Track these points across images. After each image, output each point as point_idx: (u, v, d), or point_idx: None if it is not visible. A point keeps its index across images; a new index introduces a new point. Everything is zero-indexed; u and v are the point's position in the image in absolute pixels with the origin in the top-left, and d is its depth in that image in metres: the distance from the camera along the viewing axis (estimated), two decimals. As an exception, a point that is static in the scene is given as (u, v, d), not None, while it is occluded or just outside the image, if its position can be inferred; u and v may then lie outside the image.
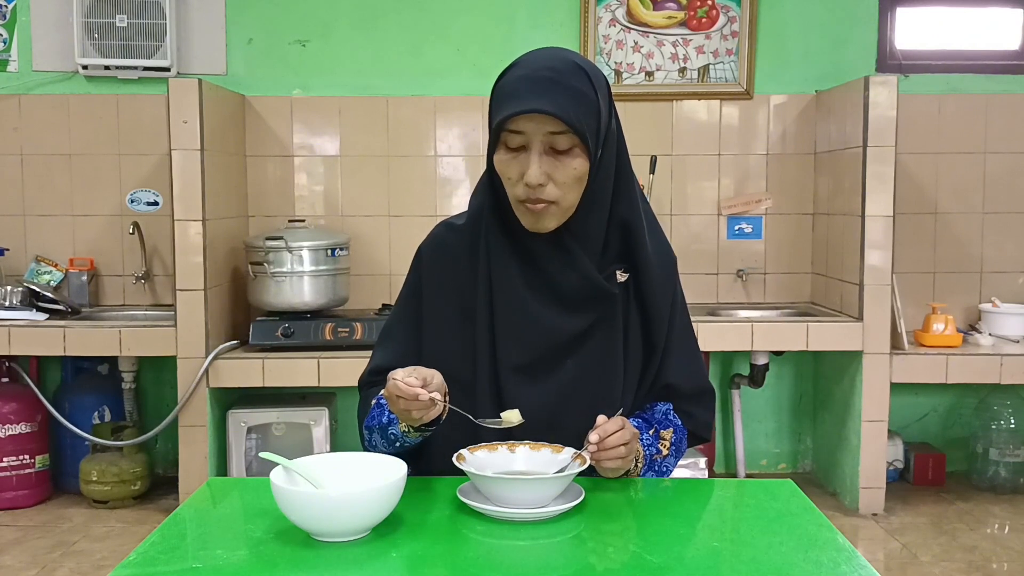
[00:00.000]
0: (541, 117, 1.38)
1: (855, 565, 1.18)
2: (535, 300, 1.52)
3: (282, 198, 4.08)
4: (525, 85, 1.40)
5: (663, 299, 1.59)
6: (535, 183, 1.41)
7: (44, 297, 3.76)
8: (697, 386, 1.65)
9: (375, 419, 1.55)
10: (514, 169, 1.44)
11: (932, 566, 3.20)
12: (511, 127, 1.41)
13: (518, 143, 1.43)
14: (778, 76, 4.11)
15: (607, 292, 1.52)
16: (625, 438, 1.43)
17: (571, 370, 1.54)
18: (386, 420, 1.52)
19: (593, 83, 1.43)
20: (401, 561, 1.20)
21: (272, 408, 3.66)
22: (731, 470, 4.21)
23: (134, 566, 1.17)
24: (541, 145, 1.41)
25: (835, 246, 3.91)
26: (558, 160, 1.42)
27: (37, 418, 3.80)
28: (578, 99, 1.40)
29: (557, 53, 1.46)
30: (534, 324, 1.52)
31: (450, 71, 4.07)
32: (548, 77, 1.40)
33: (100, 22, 3.90)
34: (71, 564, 3.18)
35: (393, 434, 1.51)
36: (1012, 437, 3.96)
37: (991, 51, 4.16)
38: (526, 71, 1.42)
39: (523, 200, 1.45)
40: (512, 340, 1.52)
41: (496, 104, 1.44)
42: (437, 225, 1.65)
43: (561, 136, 1.40)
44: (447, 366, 1.51)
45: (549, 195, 1.43)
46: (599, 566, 1.19)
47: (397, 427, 1.49)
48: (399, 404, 1.39)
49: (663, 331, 1.59)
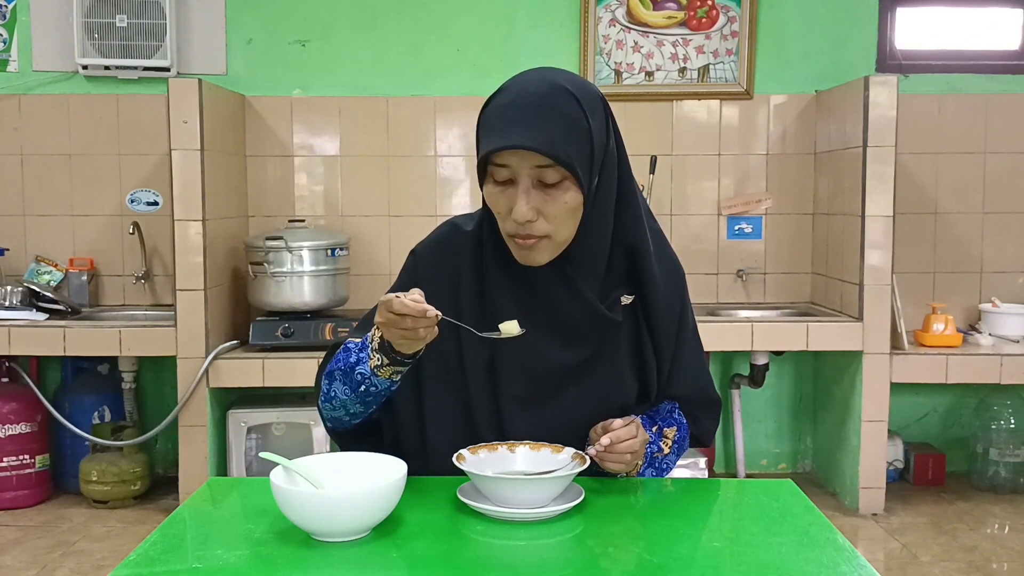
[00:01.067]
0: (526, 151, 1.32)
1: (855, 565, 1.18)
2: (536, 332, 1.44)
3: (282, 198, 4.08)
4: (509, 115, 1.34)
5: (669, 318, 1.54)
6: (523, 220, 1.35)
7: (44, 297, 3.76)
8: (704, 397, 1.64)
9: (339, 362, 1.45)
10: (502, 203, 1.38)
11: (932, 566, 3.20)
12: (496, 160, 1.35)
13: (505, 176, 1.37)
14: (778, 76, 4.11)
15: (610, 321, 1.48)
16: (635, 447, 1.42)
17: (572, 397, 1.50)
18: (354, 359, 1.42)
19: (584, 107, 1.36)
20: (401, 561, 1.20)
21: (272, 408, 3.66)
22: (731, 470, 4.21)
23: (134, 566, 1.17)
24: (528, 179, 1.35)
25: (835, 246, 3.91)
26: (548, 194, 1.36)
27: (37, 418, 3.80)
28: (566, 129, 1.33)
29: (546, 76, 1.39)
30: (535, 356, 1.47)
31: (450, 71, 4.07)
32: (533, 105, 1.33)
33: (100, 22, 3.90)
34: (71, 564, 3.18)
35: (360, 374, 1.41)
36: (1012, 437, 3.96)
37: (991, 51, 4.16)
38: (511, 98, 1.36)
39: (513, 235, 1.39)
40: (513, 372, 1.48)
41: (481, 134, 1.39)
42: (444, 223, 1.59)
43: (549, 169, 1.34)
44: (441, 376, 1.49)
45: (540, 230, 1.37)
46: (599, 566, 1.19)
47: (366, 365, 1.41)
48: (404, 324, 1.30)
49: (669, 348, 1.55)
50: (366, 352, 1.42)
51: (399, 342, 1.36)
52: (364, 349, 1.43)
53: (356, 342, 1.46)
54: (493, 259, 1.48)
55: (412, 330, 1.32)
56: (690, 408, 1.64)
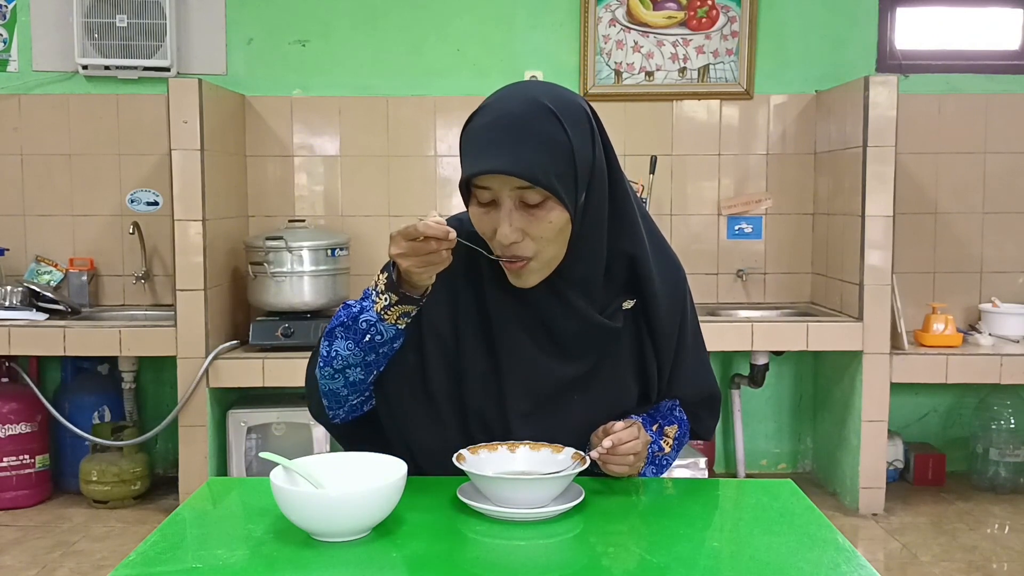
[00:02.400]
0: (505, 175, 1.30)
1: (855, 565, 1.18)
2: (537, 347, 1.46)
3: (282, 198, 4.08)
4: (487, 136, 1.33)
5: (670, 321, 1.53)
6: (507, 242, 1.34)
7: (44, 297, 3.76)
8: (706, 393, 1.64)
9: (339, 318, 1.42)
10: (487, 225, 1.37)
11: (932, 566, 3.20)
12: (478, 183, 1.35)
13: (487, 198, 1.36)
14: (778, 76, 4.11)
15: (610, 330, 1.48)
16: (637, 448, 1.42)
17: (579, 406, 1.50)
18: (357, 309, 1.40)
19: (564, 125, 1.33)
20: (401, 561, 1.20)
21: (272, 408, 3.66)
22: (731, 470, 4.21)
23: (134, 566, 1.16)
24: (511, 201, 1.34)
25: (835, 246, 3.91)
26: (532, 214, 1.34)
27: (37, 418, 3.80)
28: (546, 149, 1.31)
29: (528, 93, 1.36)
30: (539, 371, 1.47)
31: (450, 71, 4.07)
32: (512, 126, 1.31)
33: (100, 22, 3.90)
34: (71, 564, 3.18)
35: (366, 321, 1.39)
36: (1012, 437, 3.96)
37: (991, 51, 4.16)
38: (491, 118, 1.34)
39: (500, 256, 1.38)
40: (519, 388, 1.47)
41: (463, 154, 1.38)
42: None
43: (530, 191, 1.32)
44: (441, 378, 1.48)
45: (526, 251, 1.36)
46: (600, 566, 1.19)
47: (371, 312, 1.38)
48: (428, 247, 1.29)
49: (670, 350, 1.55)
50: (369, 300, 1.40)
51: (418, 270, 1.33)
52: (367, 298, 1.41)
53: (354, 300, 1.45)
54: (491, 272, 1.47)
55: (436, 252, 1.30)
56: (692, 407, 1.64)
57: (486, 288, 1.47)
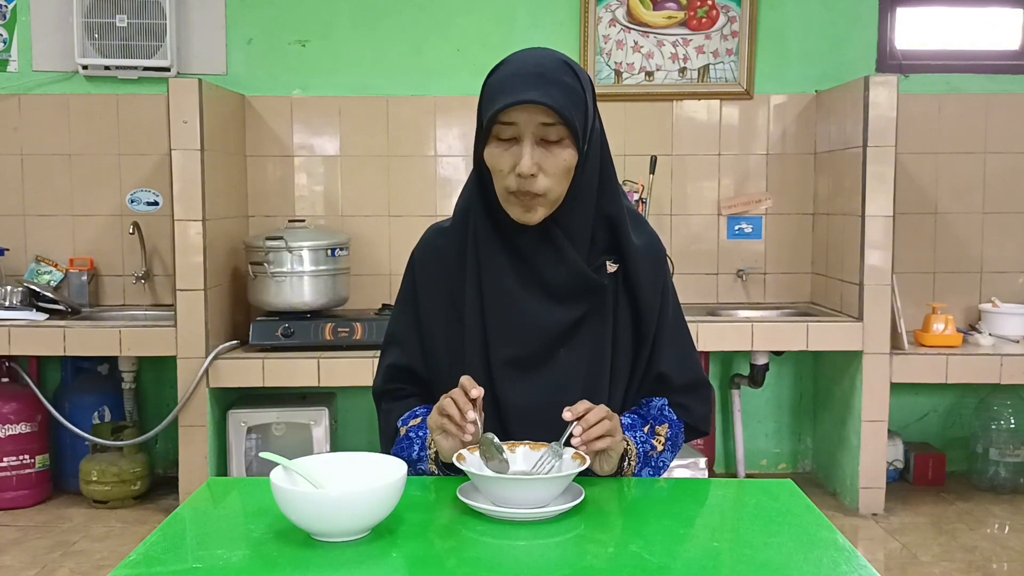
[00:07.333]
0: (533, 108, 1.42)
1: (855, 565, 1.18)
2: (525, 294, 1.54)
3: (282, 198, 4.08)
4: (517, 80, 1.44)
5: (653, 289, 1.61)
6: (527, 172, 1.44)
7: (44, 297, 3.76)
8: (691, 378, 1.66)
9: (404, 452, 1.58)
10: (506, 161, 1.47)
11: (932, 566, 3.20)
12: (504, 119, 1.45)
13: (510, 135, 1.46)
14: (778, 76, 4.11)
15: (597, 284, 1.55)
16: (601, 414, 1.43)
17: (564, 360, 1.56)
18: (415, 455, 1.55)
19: (581, 80, 1.48)
20: (401, 561, 1.20)
21: (272, 408, 3.66)
22: (731, 470, 4.21)
23: (134, 566, 1.16)
24: (533, 136, 1.45)
25: (835, 246, 3.91)
26: (548, 151, 1.46)
27: (37, 418, 3.80)
28: (568, 93, 1.44)
29: (545, 52, 1.51)
30: (525, 318, 1.54)
31: (450, 71, 4.07)
32: (538, 72, 1.44)
33: (100, 22, 3.90)
34: (71, 564, 3.18)
35: (422, 469, 1.55)
36: (1012, 437, 3.96)
37: (991, 51, 4.16)
38: (515, 68, 1.47)
39: (513, 191, 1.47)
40: (504, 335, 1.54)
41: (487, 98, 1.48)
42: (427, 230, 1.68)
43: (552, 127, 1.44)
44: (444, 367, 1.54)
45: (539, 187, 1.46)
46: (599, 566, 1.19)
47: (426, 464, 1.54)
48: (449, 413, 1.42)
49: (653, 320, 1.61)
50: (425, 452, 1.55)
51: (436, 437, 1.47)
52: (424, 448, 1.55)
53: (415, 433, 1.58)
54: (485, 224, 1.55)
55: (450, 422, 1.43)
56: (678, 395, 1.65)
57: (480, 249, 1.56)
